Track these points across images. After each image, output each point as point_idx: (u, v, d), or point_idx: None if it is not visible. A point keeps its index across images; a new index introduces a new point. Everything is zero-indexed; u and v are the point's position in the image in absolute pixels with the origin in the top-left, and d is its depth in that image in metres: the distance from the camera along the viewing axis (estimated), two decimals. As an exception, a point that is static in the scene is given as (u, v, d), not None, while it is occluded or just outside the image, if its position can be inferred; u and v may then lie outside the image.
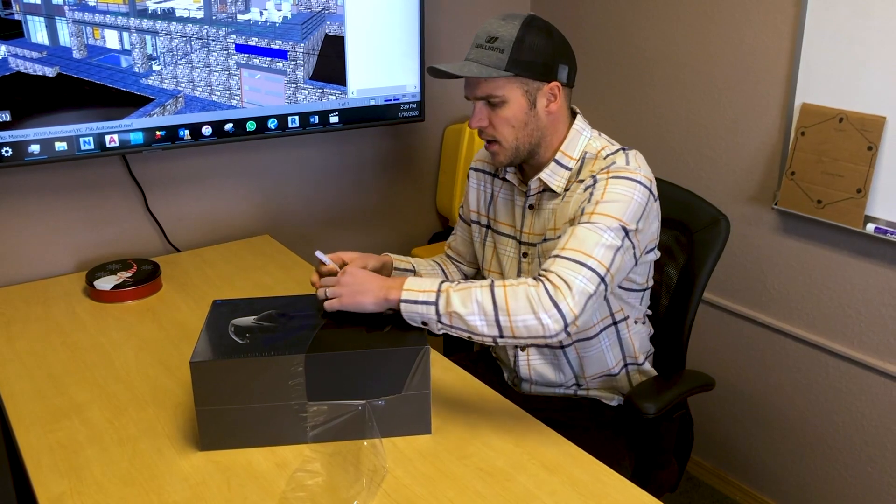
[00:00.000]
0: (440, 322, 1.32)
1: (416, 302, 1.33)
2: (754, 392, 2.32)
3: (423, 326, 1.35)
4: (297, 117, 2.19)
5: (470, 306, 1.30)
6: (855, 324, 2.02)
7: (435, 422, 1.38)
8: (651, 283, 1.61)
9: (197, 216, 2.29)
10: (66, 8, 1.82)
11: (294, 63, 2.13)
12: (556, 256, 1.35)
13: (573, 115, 1.56)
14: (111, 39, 1.90)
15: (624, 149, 1.51)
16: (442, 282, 1.35)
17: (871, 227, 1.89)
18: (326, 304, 1.40)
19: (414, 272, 1.72)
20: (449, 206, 2.61)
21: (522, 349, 1.68)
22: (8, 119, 1.83)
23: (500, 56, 1.42)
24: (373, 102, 2.30)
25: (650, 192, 1.44)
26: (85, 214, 2.12)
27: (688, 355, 1.78)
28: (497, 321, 1.29)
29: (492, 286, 1.31)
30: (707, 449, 2.50)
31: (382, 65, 2.27)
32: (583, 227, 1.37)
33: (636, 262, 1.46)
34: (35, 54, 1.82)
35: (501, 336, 1.30)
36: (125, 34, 1.91)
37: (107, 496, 1.22)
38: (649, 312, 1.68)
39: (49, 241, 2.08)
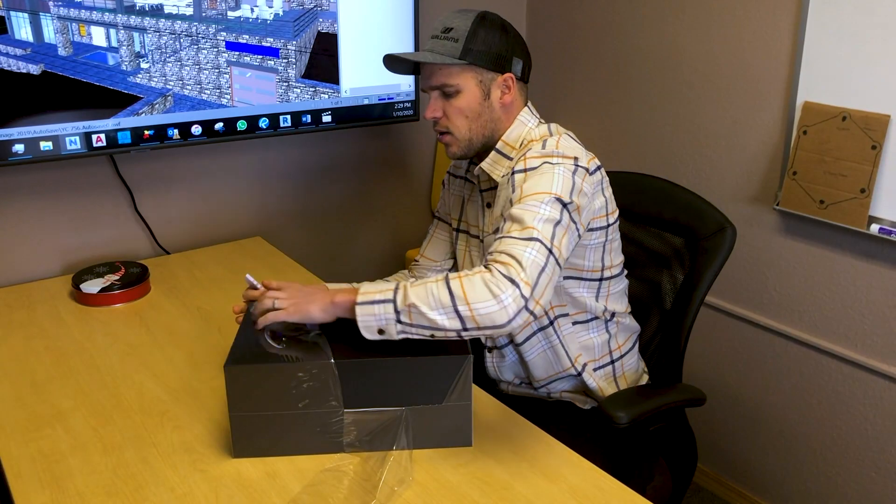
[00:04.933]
0: (399, 321, 1.22)
1: (372, 302, 1.23)
2: (755, 396, 2.28)
3: (379, 336, 1.24)
4: (288, 116, 2.15)
5: (428, 300, 1.21)
6: (858, 326, 1.99)
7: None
8: (611, 273, 1.55)
9: (186, 217, 2.24)
10: (50, 4, 1.77)
11: (286, 61, 2.09)
12: (498, 238, 1.28)
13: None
14: (98, 36, 1.85)
15: (549, 136, 1.47)
16: (396, 283, 1.27)
17: (875, 228, 1.85)
18: (269, 316, 1.30)
19: None
20: (444, 208, 2.58)
21: (490, 350, 1.65)
22: (-9, 118, 1.78)
23: (455, 45, 1.45)
24: (366, 101, 2.26)
25: (576, 166, 1.37)
26: (71, 216, 2.07)
27: (687, 358, 1.74)
28: (457, 311, 1.20)
29: (447, 279, 1.23)
30: (707, 454, 2.46)
31: (376, 63, 2.23)
32: (516, 208, 1.31)
33: (579, 238, 1.39)
34: (19, 51, 1.77)
35: (465, 328, 1.21)
36: (112, 31, 1.86)
37: (89, 508, 1.17)
38: (621, 309, 1.61)
39: (34, 243, 2.04)
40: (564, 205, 1.31)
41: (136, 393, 1.48)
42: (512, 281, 1.20)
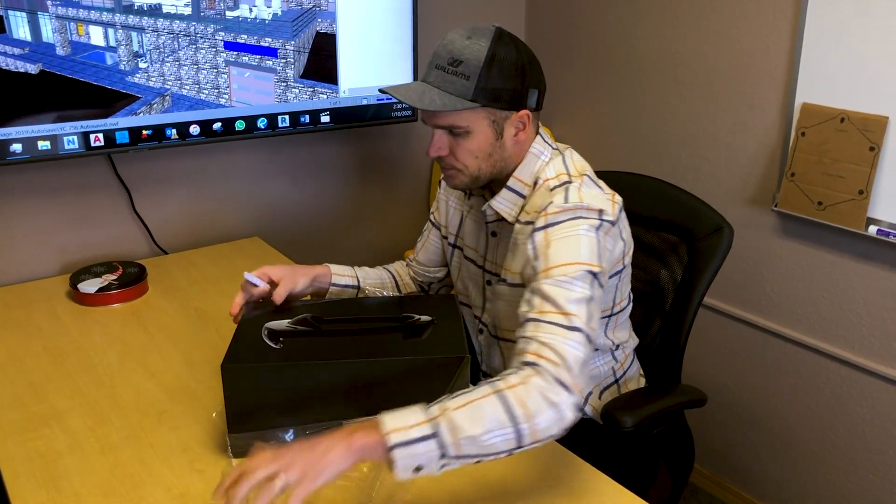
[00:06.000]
0: (444, 457, 1.03)
1: (411, 442, 1.02)
2: (753, 397, 2.28)
3: (414, 475, 1.03)
4: (287, 117, 2.15)
5: (482, 423, 1.04)
6: (856, 328, 1.99)
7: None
8: (620, 307, 1.50)
9: (184, 217, 2.24)
10: (49, 3, 1.77)
11: (284, 61, 2.09)
12: (537, 321, 1.17)
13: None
14: (96, 36, 1.85)
15: (570, 181, 1.35)
16: (425, 407, 1.07)
17: (873, 230, 1.85)
18: (299, 491, 0.99)
19: (358, 287, 1.58)
20: (442, 208, 2.57)
21: (485, 375, 1.63)
22: (-11, 117, 1.78)
23: (466, 84, 1.27)
24: (365, 102, 2.26)
25: (600, 220, 1.28)
26: (69, 215, 2.07)
27: (685, 360, 1.74)
28: (517, 431, 1.06)
29: (498, 392, 1.07)
30: (705, 456, 2.46)
31: (375, 63, 2.23)
32: (547, 285, 1.20)
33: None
34: (17, 50, 1.77)
35: (520, 447, 1.07)
36: (110, 30, 1.86)
37: (85, 508, 1.17)
38: (625, 337, 1.56)
39: (32, 242, 2.03)
40: (595, 275, 1.22)
41: (134, 393, 1.48)
42: (564, 386, 1.09)
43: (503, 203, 1.40)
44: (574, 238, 1.25)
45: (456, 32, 1.33)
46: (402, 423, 1.03)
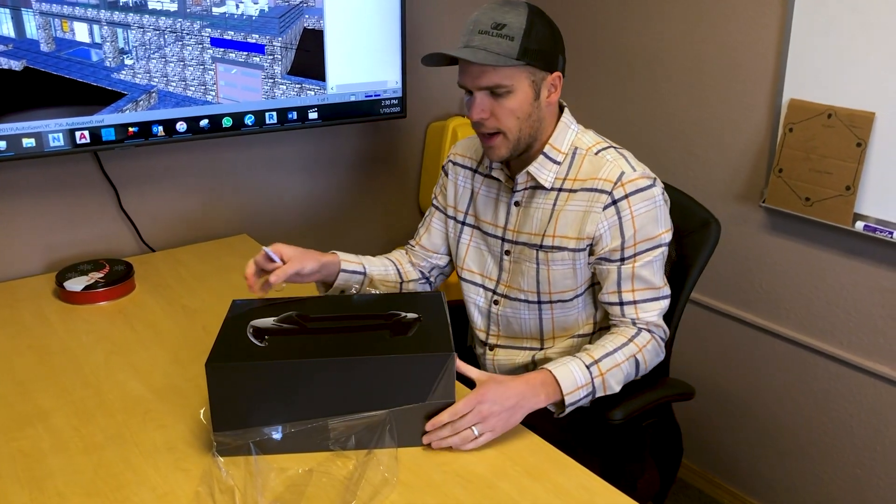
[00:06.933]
0: (584, 398, 1.40)
1: (579, 399, 1.39)
2: (742, 393, 2.29)
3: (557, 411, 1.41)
4: (274, 113, 2.14)
5: (621, 380, 1.43)
6: (844, 324, 1.99)
7: (415, 427, 1.33)
8: None
9: (172, 215, 2.23)
10: (33, -1, 1.76)
11: (271, 57, 2.08)
12: (634, 303, 1.46)
13: (560, 108, 1.53)
14: (81, 32, 1.84)
15: (614, 147, 1.51)
16: (587, 365, 1.39)
17: (860, 225, 1.86)
18: (481, 440, 1.28)
19: (364, 274, 1.64)
20: (432, 205, 2.57)
21: (491, 348, 1.65)
22: (-27, 114, 1.76)
23: (511, 44, 1.37)
24: (353, 98, 2.25)
25: (662, 187, 1.48)
26: (55, 213, 2.06)
27: (673, 355, 1.74)
28: (636, 376, 1.48)
29: (634, 356, 1.44)
30: (694, 451, 2.46)
31: (363, 59, 2.22)
32: (640, 268, 1.45)
33: None
34: (0, 47, 1.76)
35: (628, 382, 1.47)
36: (95, 27, 1.85)
37: (69, 508, 1.16)
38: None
39: (17, 240, 2.02)
40: (667, 241, 1.48)
41: (120, 392, 1.47)
42: (664, 340, 1.50)
43: (540, 170, 1.49)
44: (652, 212, 1.45)
45: (491, 4, 1.42)
46: (573, 384, 1.37)
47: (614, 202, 1.44)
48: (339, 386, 1.24)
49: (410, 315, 1.36)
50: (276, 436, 1.25)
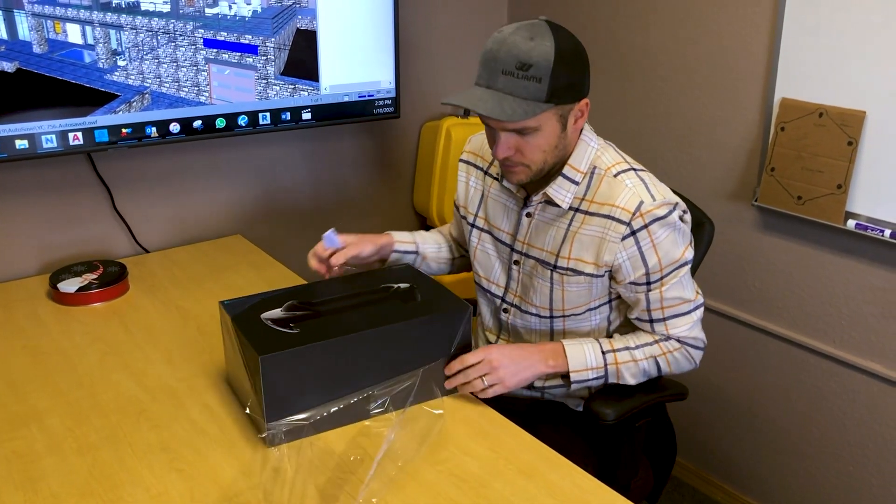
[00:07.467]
0: (596, 381, 1.47)
1: (587, 380, 1.46)
2: (735, 391, 2.29)
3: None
4: (268, 114, 2.14)
5: (638, 376, 1.48)
6: (836, 321, 2.00)
7: (409, 426, 1.35)
8: None
9: (166, 216, 2.23)
10: (24, 0, 1.75)
11: (265, 58, 2.08)
12: (669, 318, 1.46)
13: None
14: (73, 34, 1.83)
15: (634, 169, 1.45)
16: (604, 351, 1.45)
17: (851, 224, 1.87)
18: (490, 392, 1.40)
19: (417, 253, 1.73)
20: (426, 205, 2.57)
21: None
22: (-35, 116, 1.76)
23: (538, 87, 1.29)
24: (346, 99, 2.25)
25: (682, 212, 1.45)
26: (49, 215, 2.05)
27: (668, 355, 1.75)
28: (658, 375, 1.51)
29: (655, 357, 1.47)
30: (688, 449, 2.47)
31: (356, 60, 2.22)
32: (671, 289, 1.44)
33: None
34: (-7, 49, 1.76)
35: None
36: (88, 28, 1.85)
37: (63, 509, 1.16)
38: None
39: (11, 242, 2.02)
40: (691, 259, 1.46)
41: (114, 392, 1.47)
42: (700, 349, 1.52)
43: (558, 190, 1.45)
44: (672, 236, 1.41)
45: (514, 34, 1.32)
46: (582, 364, 1.44)
47: (633, 233, 1.40)
48: (374, 356, 1.33)
49: (403, 285, 1.47)
50: (326, 414, 1.30)
